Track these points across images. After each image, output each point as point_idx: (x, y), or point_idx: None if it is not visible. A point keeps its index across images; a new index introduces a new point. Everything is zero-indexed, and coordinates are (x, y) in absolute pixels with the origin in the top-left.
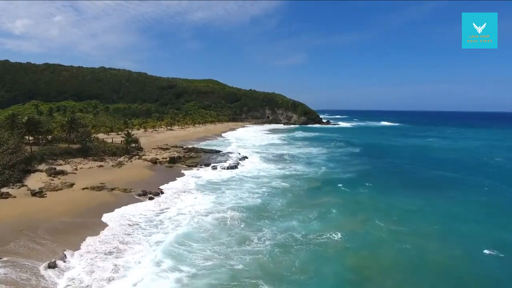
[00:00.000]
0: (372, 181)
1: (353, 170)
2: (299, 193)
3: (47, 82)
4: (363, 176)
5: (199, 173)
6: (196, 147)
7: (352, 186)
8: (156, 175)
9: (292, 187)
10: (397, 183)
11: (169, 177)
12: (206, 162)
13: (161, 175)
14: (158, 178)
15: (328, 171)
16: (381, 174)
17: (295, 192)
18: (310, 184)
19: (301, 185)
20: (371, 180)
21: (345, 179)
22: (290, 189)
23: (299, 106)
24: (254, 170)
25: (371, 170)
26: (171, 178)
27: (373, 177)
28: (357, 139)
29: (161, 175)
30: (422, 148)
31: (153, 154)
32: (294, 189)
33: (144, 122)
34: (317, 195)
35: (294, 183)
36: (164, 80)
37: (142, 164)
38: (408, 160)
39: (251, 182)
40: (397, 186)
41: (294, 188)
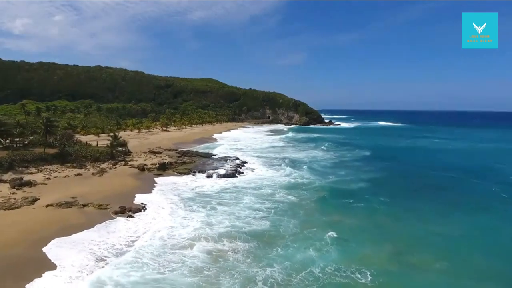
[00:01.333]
0: (391, 193)
1: (366, 178)
2: (309, 209)
3: (41, 81)
4: (379, 186)
5: (191, 183)
6: (191, 150)
7: (369, 199)
8: (141, 185)
9: (300, 201)
10: (423, 196)
11: (156, 188)
12: (200, 168)
13: (148, 185)
14: (144, 189)
15: (338, 179)
16: (400, 183)
17: (305, 207)
18: (320, 196)
19: (310, 197)
20: (390, 191)
21: (359, 190)
22: (299, 203)
23: (301, 105)
24: (255, 178)
25: (386, 178)
26: (158, 189)
27: (391, 188)
28: (363, 140)
29: (148, 185)
30: (435, 151)
31: (142, 159)
32: (303, 204)
33: (138, 122)
34: (330, 212)
35: (302, 195)
36: (161, 79)
37: (127, 172)
38: (425, 165)
39: (251, 195)
40: (424, 201)
41: (302, 202)
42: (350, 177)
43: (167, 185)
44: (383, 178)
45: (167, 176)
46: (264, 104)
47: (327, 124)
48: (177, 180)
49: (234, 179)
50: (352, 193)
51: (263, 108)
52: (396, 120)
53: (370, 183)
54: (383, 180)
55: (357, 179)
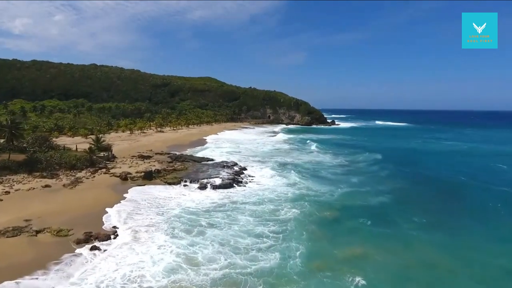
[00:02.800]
0: (424, 210)
1: (385, 188)
2: (321, 233)
3: (32, 79)
4: (405, 200)
5: (179, 196)
6: (185, 154)
7: (397, 220)
8: (119, 200)
9: (310, 222)
10: (467, 213)
11: (136, 203)
12: (193, 177)
13: (127, 200)
14: (121, 205)
15: (352, 190)
16: (429, 195)
17: (315, 232)
18: (334, 216)
19: (321, 217)
20: (421, 207)
21: (381, 205)
22: (307, 225)
23: (303, 105)
24: (255, 189)
25: (410, 189)
26: (138, 206)
27: (421, 202)
28: (371, 142)
29: (127, 200)
30: (453, 153)
31: (127, 165)
32: (312, 227)
33: (131, 123)
34: (350, 241)
35: (310, 212)
36: (158, 78)
37: (106, 182)
38: (450, 172)
39: (251, 212)
40: (473, 221)
41: (312, 223)
42: (365, 188)
43: (151, 200)
44: (406, 189)
45: (153, 187)
46: (265, 103)
47: (330, 124)
48: (163, 193)
49: (232, 190)
50: (372, 210)
51: (264, 108)
52: (399, 120)
53: (392, 195)
54: (407, 191)
55: (374, 190)
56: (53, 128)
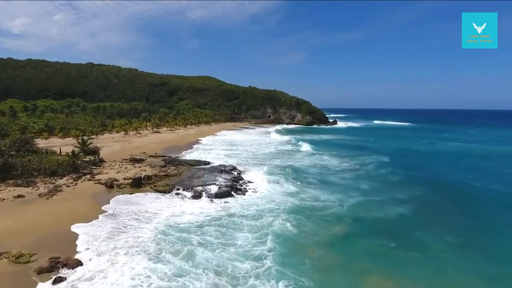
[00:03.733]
0: (457, 226)
1: (401, 197)
2: (330, 257)
3: (27, 79)
4: (426, 212)
5: (169, 208)
6: (180, 157)
7: (425, 240)
8: (99, 214)
9: (315, 242)
10: (505, 233)
11: (117, 217)
12: (187, 183)
13: (108, 213)
14: (101, 220)
15: (365, 199)
16: (451, 206)
17: (322, 257)
18: (345, 232)
19: (329, 234)
20: (450, 222)
21: (402, 219)
22: (313, 247)
23: (304, 104)
24: (254, 198)
25: (428, 197)
26: (119, 222)
27: (444, 215)
28: (376, 143)
29: (108, 213)
30: (465, 155)
31: (115, 170)
32: (319, 249)
33: (127, 123)
34: (366, 266)
35: (316, 229)
36: (156, 77)
37: (89, 190)
38: (468, 176)
39: (248, 228)
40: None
41: (319, 244)
42: (379, 196)
43: (137, 213)
44: (425, 197)
45: (142, 196)
46: (265, 102)
47: (332, 124)
48: (152, 204)
49: (229, 199)
50: (392, 225)
51: (264, 107)
52: (402, 120)
53: (411, 205)
54: (427, 200)
55: (390, 199)
56: (43, 128)
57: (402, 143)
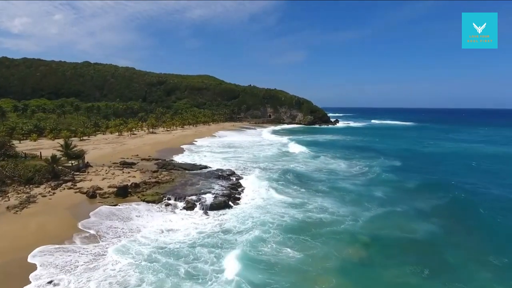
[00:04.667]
0: (494, 247)
1: (424, 207)
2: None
3: (21, 78)
4: (459, 228)
5: (158, 223)
6: (174, 161)
7: (463, 264)
8: (71, 233)
9: (326, 270)
10: None
11: (93, 238)
12: (179, 192)
13: (83, 232)
14: (71, 243)
15: (382, 211)
16: (485, 220)
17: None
18: (363, 256)
19: (344, 258)
20: (486, 240)
21: (430, 237)
22: (321, 276)
23: (305, 103)
24: (252, 209)
25: (454, 209)
26: (94, 242)
27: (481, 231)
28: (383, 144)
29: (83, 232)
30: (480, 157)
31: (101, 176)
32: (330, 279)
33: (122, 123)
34: None
35: (327, 252)
36: (153, 76)
37: (67, 201)
38: (491, 181)
39: (245, 249)
40: None
41: (331, 272)
42: (399, 206)
43: (117, 230)
44: (453, 209)
45: (126, 207)
46: (265, 102)
47: (334, 124)
48: (137, 219)
49: (226, 210)
50: (421, 246)
51: (264, 107)
52: (405, 119)
53: (438, 218)
54: (456, 213)
55: (412, 211)
56: (32, 129)
57: (408, 143)
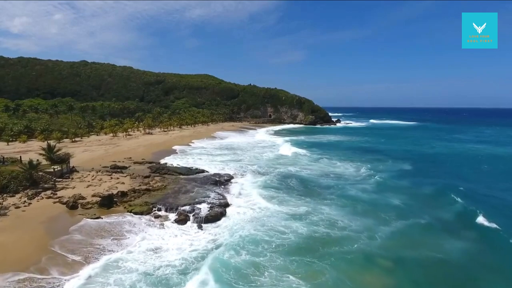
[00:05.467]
0: None
1: (448, 219)
2: None
3: (17, 77)
4: (496, 250)
5: (143, 242)
6: (169, 164)
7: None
8: (43, 255)
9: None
10: None
11: (64, 262)
12: (171, 201)
13: (53, 254)
14: (42, 267)
15: (403, 225)
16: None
17: None
18: (382, 285)
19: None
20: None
21: (468, 262)
22: None
23: (306, 103)
24: (251, 222)
25: (484, 222)
26: (64, 266)
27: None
28: (388, 145)
29: (53, 254)
30: (492, 158)
31: (87, 183)
32: None
33: (117, 124)
34: None
35: (335, 279)
36: (151, 75)
37: (45, 213)
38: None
39: (240, 274)
40: None
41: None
42: (419, 218)
43: (93, 252)
44: (478, 219)
45: (110, 220)
46: (265, 101)
47: (335, 123)
48: (120, 234)
49: (222, 221)
50: (460, 273)
51: (264, 106)
52: (407, 119)
53: (467, 231)
54: (481, 224)
55: (437, 223)
56: (22, 130)
57: (414, 145)
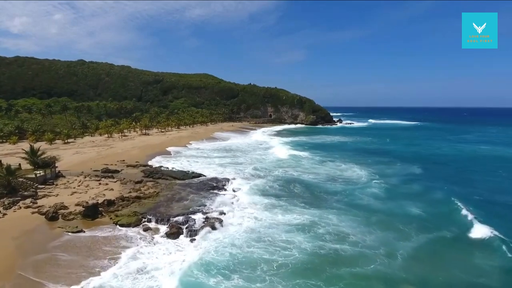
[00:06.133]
0: None
1: (482, 233)
2: None
3: (12, 77)
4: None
5: (130, 261)
6: (164, 167)
7: None
8: (10, 278)
9: None
10: None
11: (35, 285)
12: (163, 210)
13: (26, 276)
14: None
15: (425, 242)
16: None
17: None
18: None
19: None
20: None
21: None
22: None
23: (307, 102)
24: (251, 233)
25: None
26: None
27: None
28: (394, 145)
29: (26, 276)
30: (505, 160)
31: (71, 190)
32: None
33: (113, 124)
34: None
35: None
36: (149, 74)
37: (20, 226)
38: None
39: None
40: None
41: None
42: (445, 230)
43: (68, 274)
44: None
45: (93, 235)
46: (266, 101)
47: (337, 123)
48: (102, 252)
49: (218, 233)
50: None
51: (264, 106)
52: (408, 119)
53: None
54: None
55: (464, 238)
56: (13, 131)
57: (421, 146)
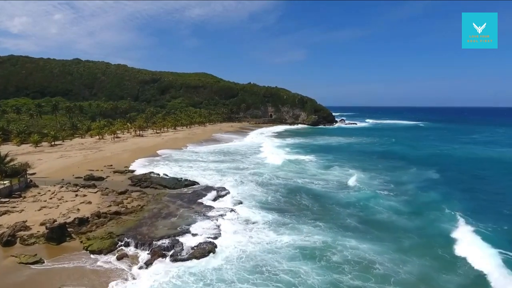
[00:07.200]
0: None
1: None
2: None
3: (4, 76)
4: None
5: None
6: (155, 174)
7: None
8: None
9: None
10: None
11: None
12: (145, 230)
13: None
14: None
15: (477, 279)
16: None
17: None
18: None
19: None
20: None
21: None
22: None
23: (308, 102)
24: (246, 268)
25: None
26: None
27: None
28: (402, 146)
29: None
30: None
31: (41, 203)
32: None
33: (106, 125)
34: None
35: None
36: (147, 74)
37: None
38: None
39: None
40: None
41: None
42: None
43: None
44: None
45: (53, 264)
46: (266, 100)
47: (340, 124)
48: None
49: (210, 259)
50: None
51: (265, 106)
52: (411, 118)
53: None
54: None
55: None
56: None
57: (432, 147)
